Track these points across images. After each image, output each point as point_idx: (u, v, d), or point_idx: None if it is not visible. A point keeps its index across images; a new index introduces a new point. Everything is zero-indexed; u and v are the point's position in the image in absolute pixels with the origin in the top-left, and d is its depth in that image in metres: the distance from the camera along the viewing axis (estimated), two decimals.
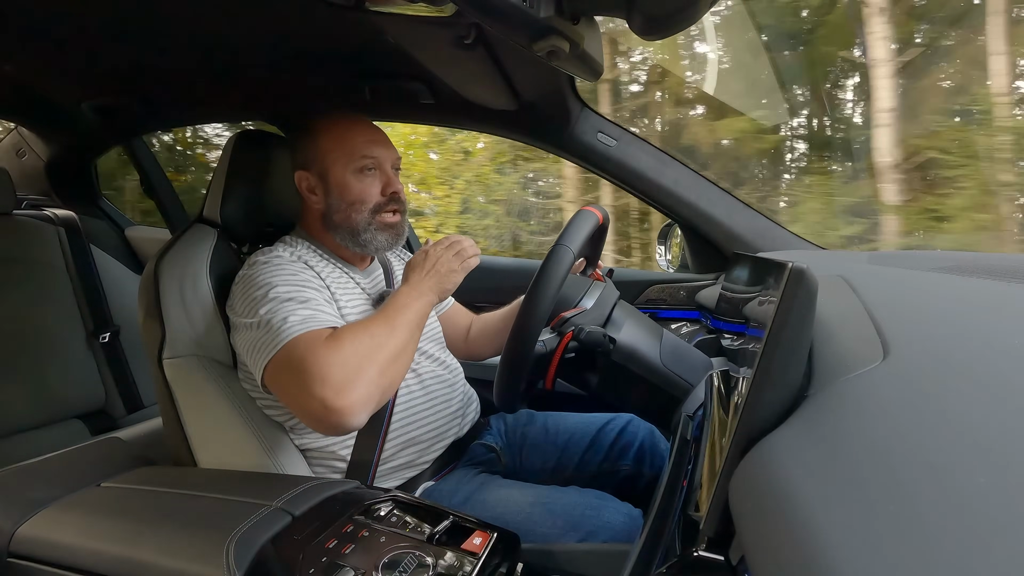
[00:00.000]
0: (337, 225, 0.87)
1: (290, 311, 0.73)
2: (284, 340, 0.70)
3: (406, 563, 0.54)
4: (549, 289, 0.69)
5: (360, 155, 0.86)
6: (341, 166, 0.86)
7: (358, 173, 0.86)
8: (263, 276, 0.78)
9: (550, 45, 0.59)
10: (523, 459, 1.01)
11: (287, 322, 0.72)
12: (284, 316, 0.72)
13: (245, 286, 0.79)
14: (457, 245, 0.86)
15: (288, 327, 0.71)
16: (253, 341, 0.73)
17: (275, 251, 0.83)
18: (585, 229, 0.75)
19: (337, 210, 0.87)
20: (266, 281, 0.77)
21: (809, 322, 0.36)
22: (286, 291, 0.76)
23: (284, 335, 0.70)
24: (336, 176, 0.86)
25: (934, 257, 0.79)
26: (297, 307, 0.74)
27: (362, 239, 0.87)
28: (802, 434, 0.31)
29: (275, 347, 0.70)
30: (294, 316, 0.72)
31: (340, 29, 0.85)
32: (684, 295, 1.28)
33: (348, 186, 0.86)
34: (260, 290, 0.76)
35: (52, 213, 1.58)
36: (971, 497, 0.20)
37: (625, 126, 1.18)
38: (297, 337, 0.70)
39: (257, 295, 0.76)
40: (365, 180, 0.86)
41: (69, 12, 0.84)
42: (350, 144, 0.86)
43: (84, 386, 1.48)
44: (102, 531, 0.62)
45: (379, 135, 0.90)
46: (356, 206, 0.86)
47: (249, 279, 0.79)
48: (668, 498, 0.49)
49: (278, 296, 0.75)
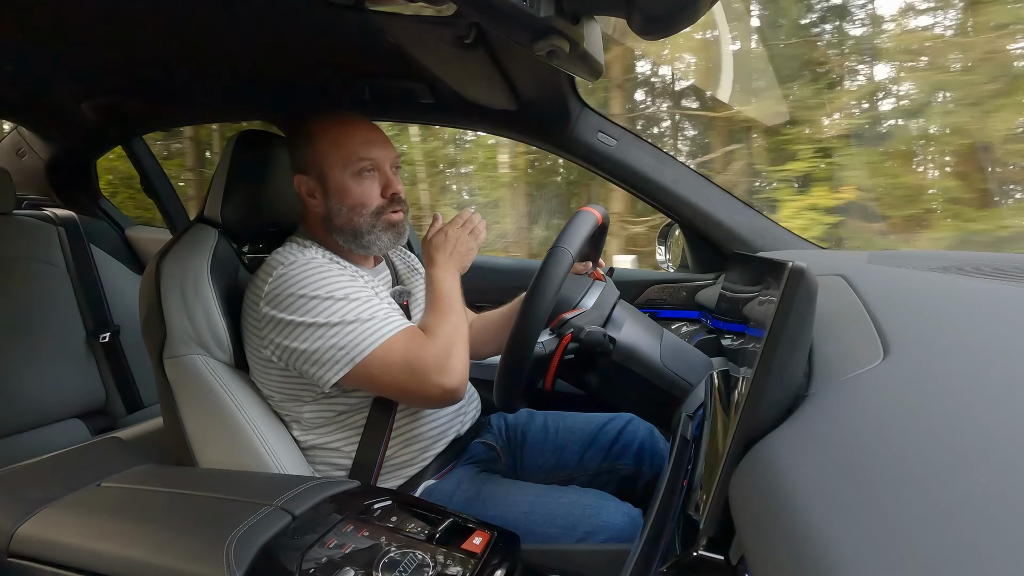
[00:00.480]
0: (339, 228, 0.87)
1: (371, 310, 0.78)
2: (383, 337, 0.77)
3: (406, 563, 0.54)
4: (547, 292, 0.69)
5: (357, 158, 0.84)
6: (339, 170, 0.85)
7: (356, 176, 0.85)
8: (314, 276, 0.78)
9: (550, 45, 0.59)
10: (523, 458, 1.01)
11: (376, 319, 0.78)
12: (370, 314, 0.78)
13: (292, 285, 0.77)
14: (470, 224, 0.90)
15: (381, 325, 0.77)
16: (334, 339, 0.76)
17: (303, 252, 0.83)
18: (584, 230, 0.75)
19: (338, 214, 0.86)
20: (322, 280, 0.78)
21: (809, 322, 0.36)
22: (350, 290, 0.79)
23: (380, 333, 0.77)
24: (335, 180, 0.85)
25: (934, 257, 0.79)
26: (369, 306, 0.79)
27: (365, 241, 0.87)
28: (802, 434, 0.31)
29: (372, 344, 0.76)
30: (380, 313, 0.79)
31: (340, 29, 0.85)
32: (684, 295, 1.28)
33: (347, 190, 0.85)
34: (322, 288, 0.77)
35: (52, 213, 1.57)
36: (971, 496, 0.20)
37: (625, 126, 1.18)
38: (397, 334, 0.77)
39: (319, 293, 0.77)
40: (364, 183, 0.85)
41: (69, 12, 0.84)
42: (347, 147, 0.85)
43: (84, 386, 1.48)
44: (102, 531, 0.62)
45: (376, 135, 0.88)
46: (357, 209, 0.85)
47: (295, 279, 0.77)
48: (668, 498, 0.49)
49: (347, 295, 0.78)
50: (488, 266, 1.48)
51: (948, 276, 0.58)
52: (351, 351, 0.75)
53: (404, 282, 1.00)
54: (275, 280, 0.79)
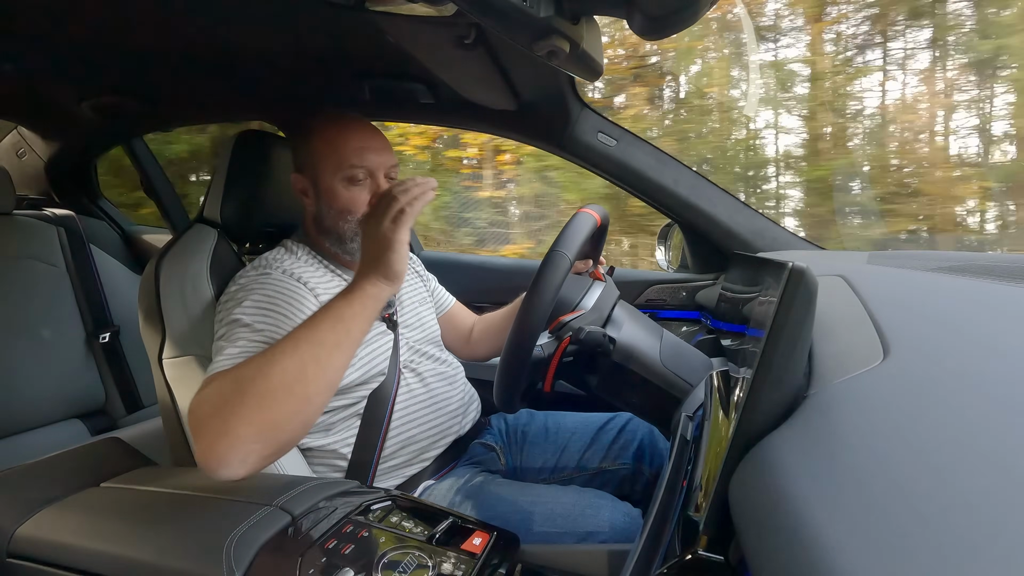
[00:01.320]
0: (327, 230, 0.87)
1: (232, 343, 0.70)
2: (208, 373, 0.68)
3: (406, 563, 0.54)
4: (545, 295, 0.69)
5: (349, 164, 0.83)
6: (330, 173, 0.84)
7: (346, 182, 0.84)
8: (243, 291, 0.77)
9: (550, 45, 0.59)
10: (523, 458, 1.01)
11: (221, 353, 0.69)
12: (224, 347, 0.70)
13: (229, 295, 0.79)
14: (386, 204, 0.67)
15: (217, 361, 0.68)
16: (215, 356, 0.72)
17: (269, 267, 0.82)
18: (582, 232, 0.75)
19: (326, 216, 0.86)
20: (242, 298, 0.76)
21: (809, 322, 0.36)
22: (250, 315, 0.73)
23: (211, 368, 0.68)
24: (325, 183, 0.85)
25: (934, 257, 0.79)
26: (242, 337, 0.70)
27: (349, 247, 0.87)
28: (802, 434, 0.31)
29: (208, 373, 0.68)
30: (231, 349, 0.69)
31: (340, 29, 0.85)
32: (684, 295, 1.28)
33: (336, 194, 0.84)
34: (232, 304, 0.76)
35: (52, 213, 1.58)
36: (970, 497, 0.20)
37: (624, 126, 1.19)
38: (211, 376, 0.65)
39: (228, 306, 0.76)
40: (353, 190, 0.84)
41: (69, 12, 0.84)
42: (341, 152, 0.83)
43: (84, 386, 1.48)
44: (102, 531, 0.62)
45: (373, 141, 0.86)
46: (343, 215, 0.85)
47: (232, 293, 0.78)
48: (668, 498, 0.49)
49: (239, 319, 0.73)
50: (488, 266, 1.48)
51: (948, 276, 0.58)
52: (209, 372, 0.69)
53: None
54: (227, 287, 0.80)
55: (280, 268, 0.82)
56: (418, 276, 1.08)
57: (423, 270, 1.12)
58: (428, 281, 1.12)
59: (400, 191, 0.67)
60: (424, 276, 1.11)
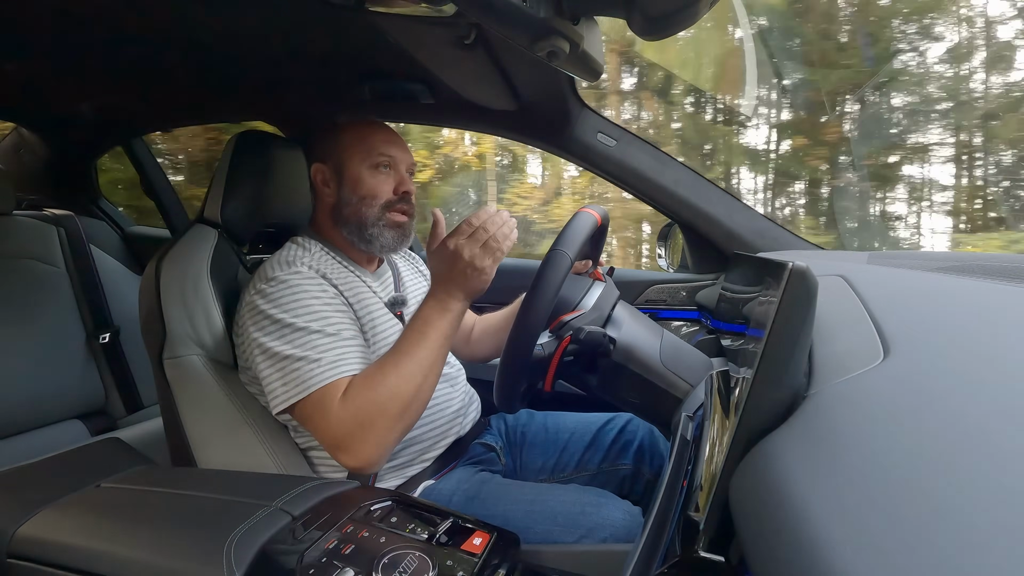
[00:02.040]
0: (346, 219, 0.88)
1: (320, 350, 0.74)
2: (313, 387, 0.72)
3: (406, 563, 0.54)
4: (546, 294, 0.69)
5: (377, 152, 0.88)
6: (358, 161, 0.88)
7: (373, 169, 0.88)
8: (289, 298, 0.77)
9: (550, 45, 0.59)
10: (523, 458, 1.01)
11: (320, 364, 0.73)
12: (315, 357, 0.73)
13: (266, 300, 0.77)
14: (483, 233, 0.72)
15: (318, 372, 0.72)
16: (280, 373, 0.74)
17: (293, 264, 0.81)
18: (583, 232, 0.75)
19: (348, 203, 0.88)
20: (293, 302, 0.76)
21: (809, 322, 0.36)
22: (314, 320, 0.75)
23: (313, 381, 0.72)
24: (352, 170, 0.88)
25: (934, 257, 0.79)
26: (326, 343, 0.74)
27: (368, 234, 0.88)
28: (802, 434, 0.31)
29: (304, 391, 0.72)
30: (327, 355, 0.73)
31: (340, 29, 0.85)
32: (684, 295, 1.28)
33: (362, 180, 0.88)
34: (287, 314, 0.75)
35: (52, 213, 1.58)
36: (971, 496, 0.20)
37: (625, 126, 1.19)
38: (326, 387, 0.72)
39: (283, 317, 0.75)
40: (379, 176, 0.88)
41: (69, 13, 0.84)
42: (369, 141, 0.88)
43: (84, 386, 1.48)
44: (102, 531, 0.62)
45: (398, 138, 0.92)
46: (367, 200, 0.88)
47: (268, 296, 0.77)
48: (668, 498, 0.49)
49: (308, 327, 0.75)
50: None
51: (948, 276, 0.58)
52: (290, 389, 0.73)
53: (406, 288, 1.00)
54: (257, 293, 0.79)
55: (304, 264, 0.82)
56: (423, 276, 1.08)
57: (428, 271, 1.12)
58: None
59: (491, 223, 0.73)
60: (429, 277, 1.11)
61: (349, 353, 0.75)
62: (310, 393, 0.72)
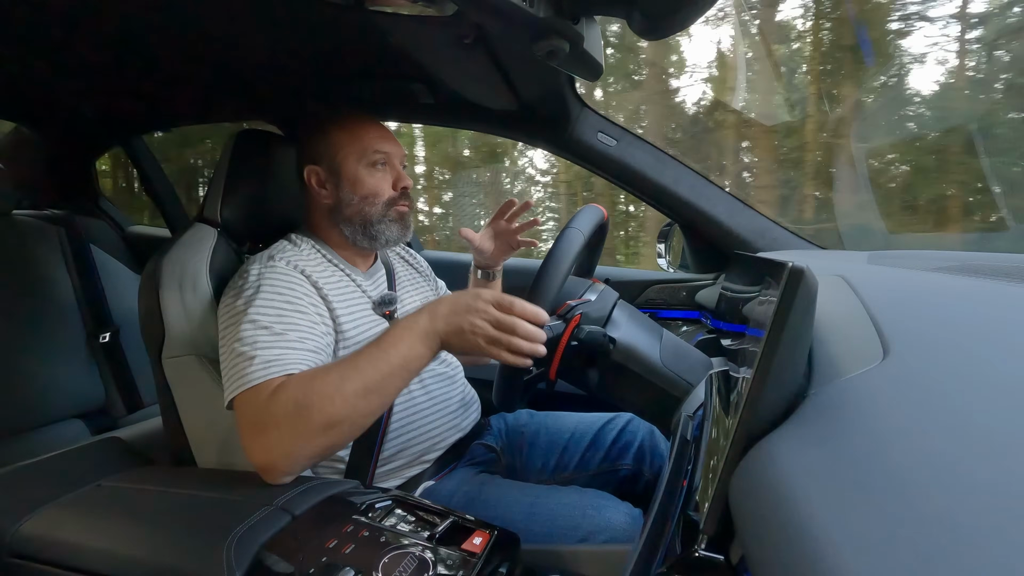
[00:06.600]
0: (348, 218, 0.88)
1: (259, 347, 0.70)
2: (244, 385, 0.68)
3: (406, 563, 0.54)
4: (559, 270, 0.68)
5: (372, 150, 0.87)
6: (353, 160, 0.87)
7: (370, 167, 0.88)
8: (252, 290, 0.76)
9: (550, 45, 0.60)
10: (523, 459, 1.01)
11: (253, 363, 0.68)
12: (251, 354, 0.69)
13: (235, 293, 0.77)
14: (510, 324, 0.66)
15: (250, 371, 0.68)
16: (226, 363, 0.72)
17: (274, 259, 0.81)
18: (593, 219, 0.76)
19: (349, 204, 0.88)
20: (252, 297, 0.75)
21: (809, 322, 0.36)
22: (265, 315, 0.73)
23: (246, 379, 0.68)
24: (348, 170, 0.88)
25: (934, 257, 0.79)
26: (268, 341, 0.71)
27: (374, 230, 0.88)
28: (802, 434, 0.31)
29: (237, 388, 0.69)
30: (263, 354, 0.69)
31: (340, 29, 0.85)
32: (684, 295, 1.28)
33: (361, 180, 0.87)
34: (242, 303, 0.74)
35: (52, 213, 1.58)
36: (972, 496, 0.20)
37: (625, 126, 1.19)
38: (256, 386, 0.67)
39: (239, 307, 0.74)
40: (377, 175, 0.88)
41: (69, 13, 0.84)
42: (363, 139, 0.88)
43: (84, 386, 1.48)
44: (102, 530, 0.62)
45: (387, 132, 0.91)
46: (370, 199, 0.88)
47: (239, 289, 0.77)
48: (668, 498, 0.49)
49: (256, 321, 0.72)
50: None
51: (948, 276, 0.58)
52: (230, 385, 0.70)
53: (398, 287, 0.99)
54: (230, 286, 0.79)
55: (284, 260, 0.82)
56: (422, 276, 1.08)
57: (432, 273, 1.12)
58: (436, 284, 1.12)
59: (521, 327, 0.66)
60: (431, 279, 1.11)
61: (288, 355, 0.70)
62: (241, 391, 0.68)
